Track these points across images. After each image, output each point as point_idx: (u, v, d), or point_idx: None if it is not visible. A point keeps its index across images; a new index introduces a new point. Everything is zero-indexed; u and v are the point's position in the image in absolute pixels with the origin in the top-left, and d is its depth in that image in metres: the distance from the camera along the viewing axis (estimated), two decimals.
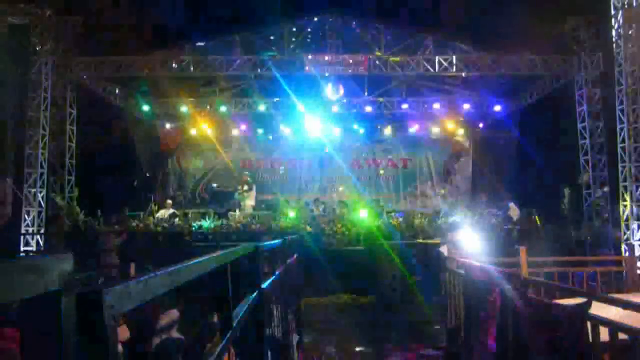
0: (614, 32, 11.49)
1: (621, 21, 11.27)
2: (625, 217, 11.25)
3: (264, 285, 3.29)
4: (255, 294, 2.82)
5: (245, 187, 14.23)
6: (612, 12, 11.44)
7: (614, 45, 11.50)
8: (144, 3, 13.89)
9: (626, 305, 2.55)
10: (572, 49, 13.22)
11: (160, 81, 14.89)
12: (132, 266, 6.90)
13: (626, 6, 11.26)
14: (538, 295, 3.57)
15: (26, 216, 11.95)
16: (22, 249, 11.49)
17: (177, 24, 15.81)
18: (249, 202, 14.20)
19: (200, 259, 1.36)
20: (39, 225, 12.06)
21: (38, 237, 11.96)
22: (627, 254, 10.56)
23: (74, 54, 13.00)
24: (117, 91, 15.58)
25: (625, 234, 11.20)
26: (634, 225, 11.06)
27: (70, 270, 0.61)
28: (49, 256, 0.59)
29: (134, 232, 11.60)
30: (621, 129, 11.37)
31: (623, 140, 11.30)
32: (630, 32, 11.27)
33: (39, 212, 12.08)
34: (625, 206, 11.26)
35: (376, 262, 10.66)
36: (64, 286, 0.58)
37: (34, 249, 11.69)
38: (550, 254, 8.56)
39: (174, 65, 13.39)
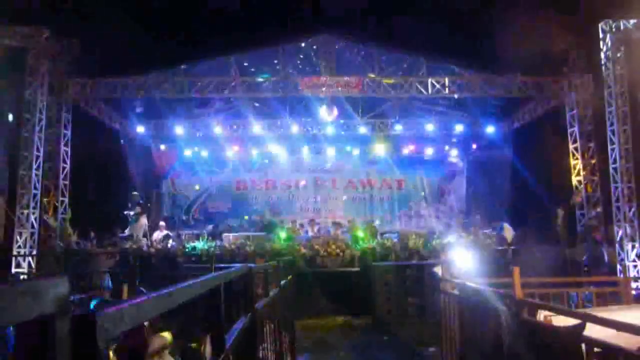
0: (602, 55, 11.69)
1: (609, 44, 11.48)
2: (619, 237, 11.29)
3: (258, 306, 3.27)
4: (248, 315, 2.80)
5: (138, 209, 14.08)
6: (601, 35, 11.65)
7: (603, 67, 11.69)
8: (140, 25, 14.00)
9: (620, 326, 2.55)
10: (562, 71, 13.41)
11: (155, 102, 14.96)
12: (125, 288, 6.83)
13: (614, 30, 11.49)
14: (533, 316, 3.56)
15: (18, 237, 11.84)
16: (13, 271, 11.35)
17: (172, 46, 15.93)
18: (143, 220, 13.99)
19: (193, 281, 1.37)
20: (31, 247, 11.93)
21: (30, 258, 11.83)
22: (621, 274, 10.58)
23: (70, 75, 13.06)
24: (112, 112, 15.61)
25: (619, 254, 11.22)
26: (629, 246, 11.09)
27: (65, 293, 0.62)
28: (44, 279, 0.59)
29: (127, 254, 11.50)
30: (613, 150, 11.49)
31: (615, 161, 11.40)
32: (618, 55, 11.47)
33: (31, 234, 11.97)
34: (619, 227, 11.32)
35: (371, 284, 10.61)
36: (58, 309, 0.59)
37: (25, 271, 11.55)
38: (545, 275, 8.54)
39: (169, 86, 13.47)
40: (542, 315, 3.91)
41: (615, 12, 11.46)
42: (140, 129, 16.78)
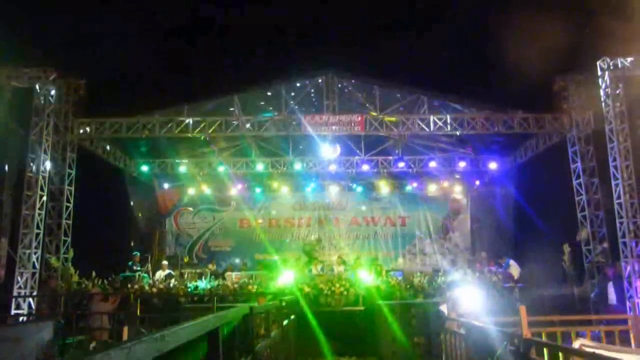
0: (601, 92, 11.81)
1: (608, 81, 11.62)
2: (627, 273, 11.12)
3: (259, 347, 3.20)
4: (249, 357, 2.74)
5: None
6: (599, 72, 11.81)
7: (603, 104, 11.79)
8: (144, 65, 14.32)
9: None
10: (562, 107, 13.51)
11: (159, 141, 15.10)
12: (125, 330, 6.72)
13: (612, 67, 11.65)
14: (540, 356, 3.47)
15: (19, 278, 11.74)
16: (12, 312, 11.20)
17: (176, 86, 16.22)
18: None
19: (188, 323, 1.34)
20: (31, 287, 11.82)
21: (30, 299, 11.70)
22: (630, 312, 10.36)
23: (75, 115, 13.25)
24: (116, 152, 15.74)
25: (628, 291, 11.02)
26: (637, 282, 10.89)
27: (49, 339, 0.60)
28: (29, 324, 0.58)
29: (129, 294, 11.36)
30: (616, 185, 11.45)
31: (619, 196, 11.35)
32: (617, 92, 11.59)
33: (33, 274, 11.88)
34: (626, 263, 11.15)
35: (376, 324, 10.41)
36: (41, 356, 0.57)
37: (25, 312, 11.41)
38: (552, 313, 8.38)
39: (173, 126, 13.61)
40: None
41: (612, 50, 11.64)
42: (145, 168, 16.90)
